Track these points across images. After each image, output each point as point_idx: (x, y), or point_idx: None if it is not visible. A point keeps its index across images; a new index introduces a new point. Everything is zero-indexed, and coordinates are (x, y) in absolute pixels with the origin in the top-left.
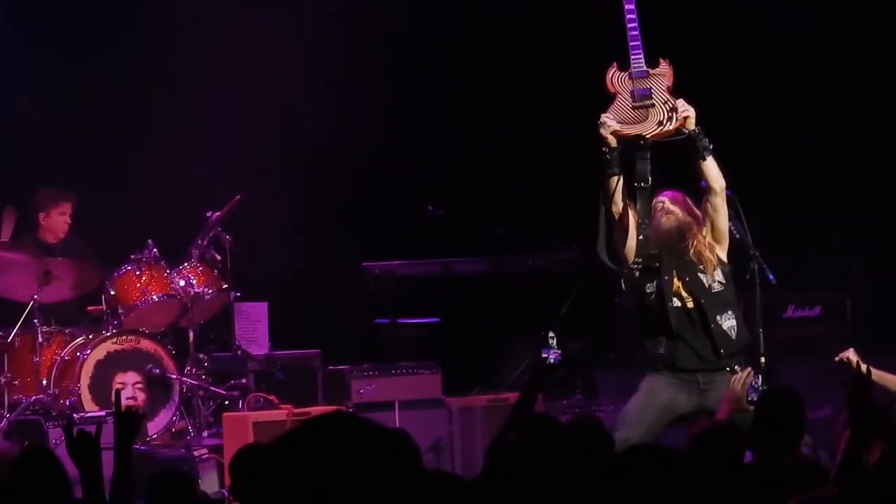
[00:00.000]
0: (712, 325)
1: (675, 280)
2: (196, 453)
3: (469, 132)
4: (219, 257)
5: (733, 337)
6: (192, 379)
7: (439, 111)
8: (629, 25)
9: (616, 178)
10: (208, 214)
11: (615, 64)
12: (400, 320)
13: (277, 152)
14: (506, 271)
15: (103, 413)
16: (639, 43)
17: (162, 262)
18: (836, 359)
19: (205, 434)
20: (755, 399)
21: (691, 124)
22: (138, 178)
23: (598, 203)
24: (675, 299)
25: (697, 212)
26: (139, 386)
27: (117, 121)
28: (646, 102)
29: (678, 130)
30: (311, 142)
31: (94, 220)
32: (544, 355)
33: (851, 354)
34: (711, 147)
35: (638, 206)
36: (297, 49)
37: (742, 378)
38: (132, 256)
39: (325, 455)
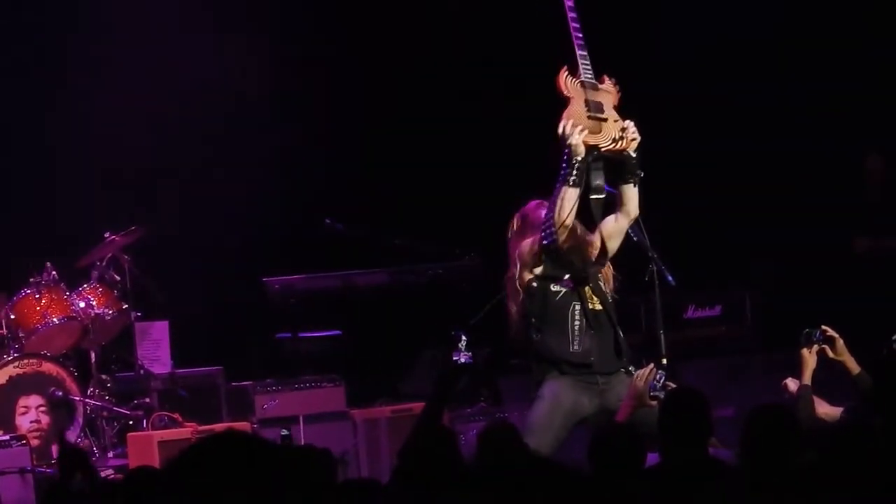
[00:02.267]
0: (616, 328)
1: (587, 285)
2: (102, 474)
3: (364, 144)
4: (118, 277)
5: (626, 345)
6: (96, 400)
7: (334, 124)
8: (573, 27)
9: (578, 191)
10: (106, 235)
11: (566, 66)
12: (301, 334)
13: (172, 168)
14: (406, 282)
15: (7, 437)
16: (586, 51)
17: (61, 285)
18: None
19: (110, 455)
20: (658, 396)
21: (634, 148)
22: (31, 199)
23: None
24: (589, 301)
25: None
26: (42, 409)
27: (8, 144)
28: (599, 115)
29: (624, 151)
30: (208, 157)
31: None
32: (455, 357)
33: (790, 381)
34: (642, 175)
35: (595, 218)
36: (195, 63)
37: (644, 375)
38: (31, 279)
39: (216, 476)
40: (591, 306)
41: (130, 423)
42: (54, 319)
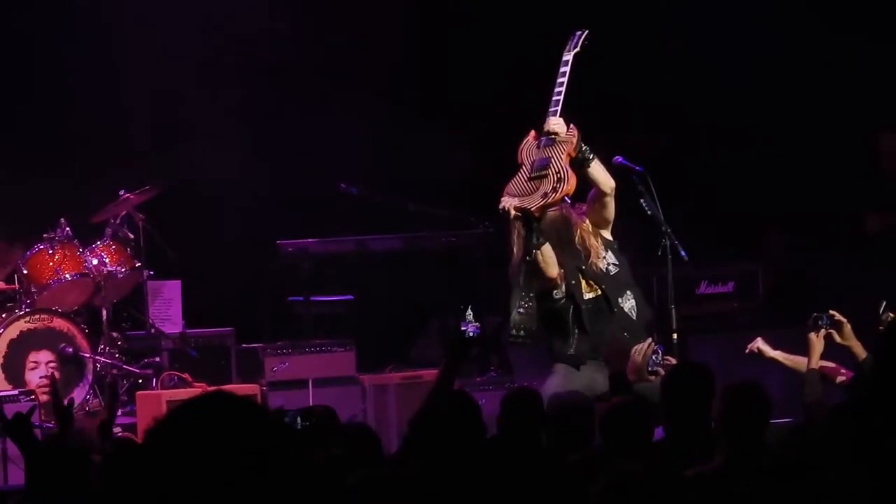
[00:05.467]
0: (615, 310)
1: (579, 275)
2: None
3: (382, 107)
4: (132, 235)
5: (634, 317)
6: (106, 357)
7: (351, 87)
8: (559, 80)
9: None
10: (121, 193)
11: (533, 132)
12: (314, 298)
13: (189, 128)
14: (419, 248)
15: (16, 392)
16: (559, 105)
17: (75, 241)
18: (747, 350)
19: (119, 413)
20: (656, 371)
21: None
22: (49, 157)
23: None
24: (586, 294)
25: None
26: (52, 365)
27: (29, 103)
28: (541, 172)
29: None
30: (225, 118)
31: (4, 199)
32: (463, 329)
33: (760, 344)
34: (592, 156)
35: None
36: (221, 22)
37: (643, 350)
38: (45, 235)
39: (191, 439)
40: (587, 296)
41: (140, 381)
42: (67, 275)
